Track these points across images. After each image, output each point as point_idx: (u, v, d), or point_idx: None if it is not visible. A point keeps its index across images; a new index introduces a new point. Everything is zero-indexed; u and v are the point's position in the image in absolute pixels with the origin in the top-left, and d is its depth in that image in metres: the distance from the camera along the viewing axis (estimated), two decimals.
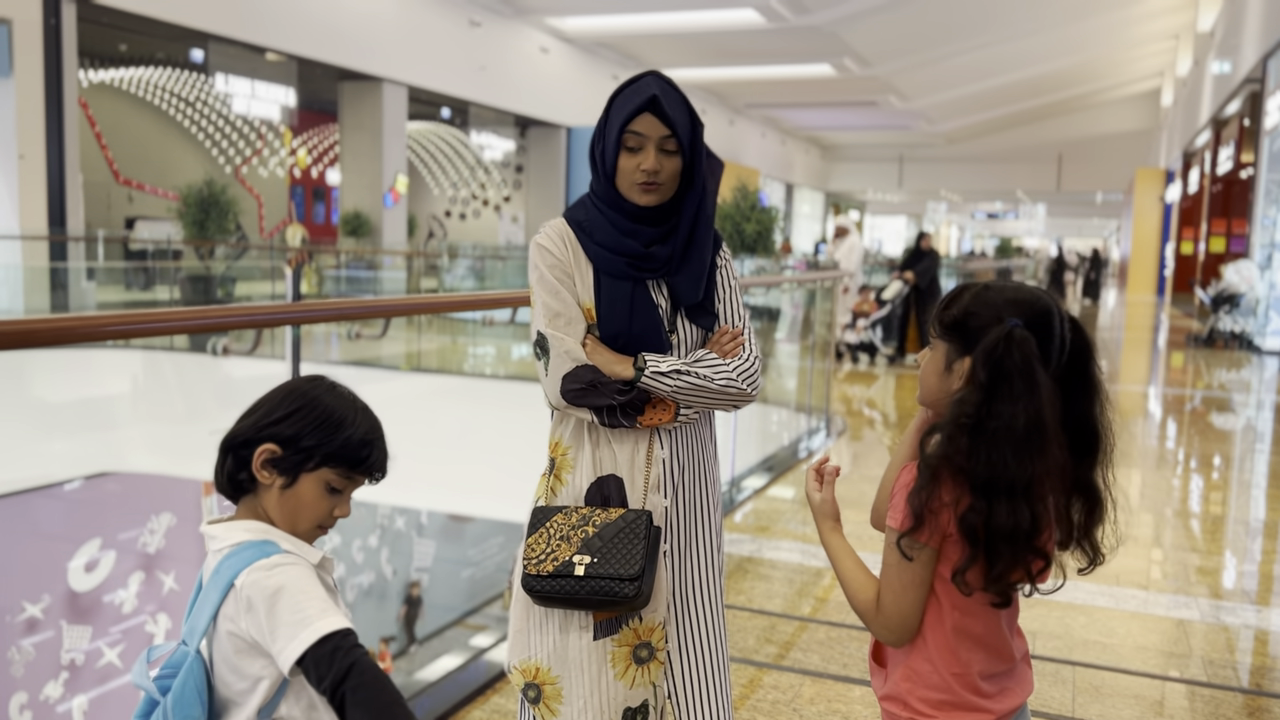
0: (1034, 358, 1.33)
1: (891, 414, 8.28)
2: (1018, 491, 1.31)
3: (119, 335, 2.00)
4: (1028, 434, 1.30)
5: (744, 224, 11.30)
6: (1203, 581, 4.00)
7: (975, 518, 1.32)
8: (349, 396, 1.45)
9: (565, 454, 1.83)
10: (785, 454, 6.41)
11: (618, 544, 1.71)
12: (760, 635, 3.34)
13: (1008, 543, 1.32)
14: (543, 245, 1.80)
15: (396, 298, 8.10)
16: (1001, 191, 42.37)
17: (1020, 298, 1.39)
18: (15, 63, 11.09)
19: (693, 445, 1.84)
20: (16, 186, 11.39)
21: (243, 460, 1.39)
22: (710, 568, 1.87)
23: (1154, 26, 23.21)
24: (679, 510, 1.82)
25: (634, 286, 1.78)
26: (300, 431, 1.37)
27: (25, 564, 6.13)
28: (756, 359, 1.82)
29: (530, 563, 1.74)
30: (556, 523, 1.76)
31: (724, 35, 19.66)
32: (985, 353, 1.34)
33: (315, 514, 1.41)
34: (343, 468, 1.40)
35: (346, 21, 15.49)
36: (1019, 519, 1.31)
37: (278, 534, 1.39)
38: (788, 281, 10.46)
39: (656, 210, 1.78)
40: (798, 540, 4.43)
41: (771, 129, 33.26)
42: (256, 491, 1.41)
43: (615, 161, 1.75)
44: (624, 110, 1.74)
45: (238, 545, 1.36)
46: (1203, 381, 10.50)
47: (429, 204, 25.76)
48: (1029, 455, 1.31)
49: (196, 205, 12.68)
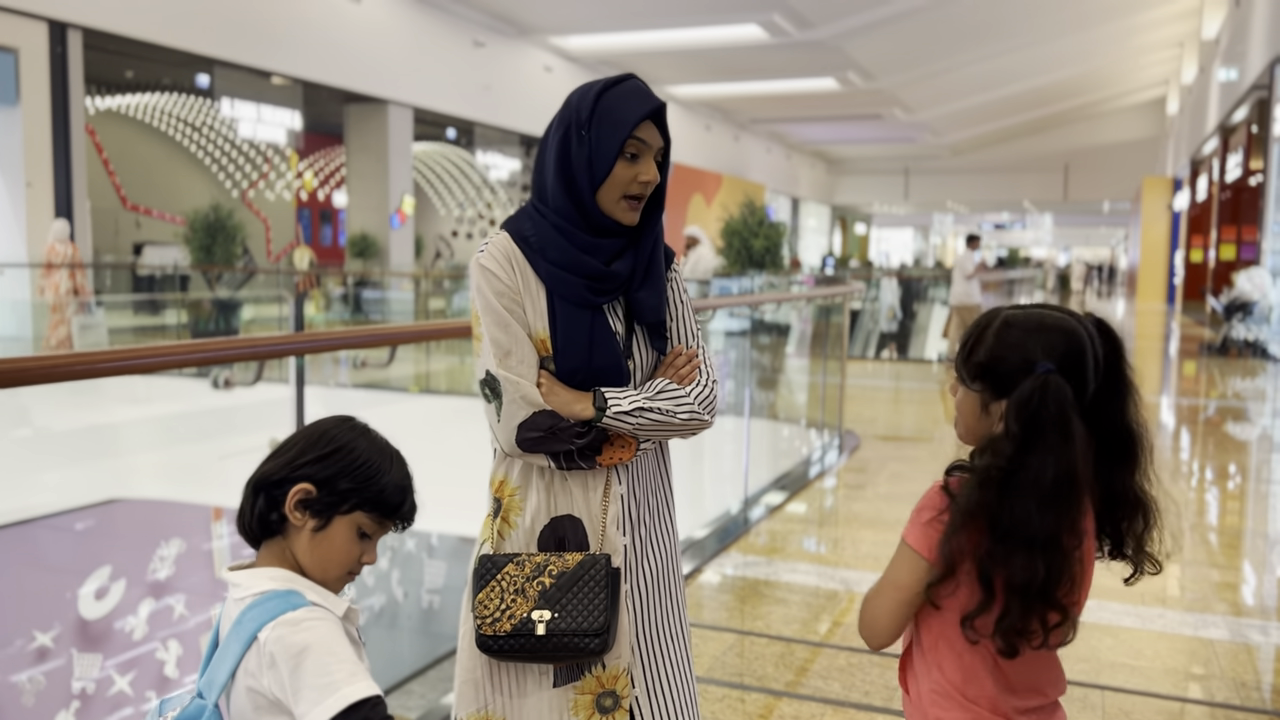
0: (1069, 405, 1.28)
1: (908, 429, 8.21)
2: (1037, 545, 1.27)
3: (115, 372, 1.96)
4: (1056, 487, 1.27)
5: (752, 239, 11.26)
6: (1225, 598, 3.92)
7: (993, 566, 1.28)
8: (382, 442, 1.42)
9: (513, 495, 1.67)
10: (798, 472, 6.34)
11: (578, 595, 1.58)
12: (777, 661, 3.27)
13: (1019, 595, 1.28)
14: (487, 268, 1.60)
15: (401, 325, 8.05)
16: (1008, 202, 42.31)
17: (1048, 335, 1.33)
18: (22, 91, 11.13)
19: (649, 477, 1.72)
20: (24, 214, 11.41)
21: (274, 500, 1.35)
22: (674, 604, 1.75)
23: (1158, 35, 23.18)
24: (639, 547, 1.69)
25: (593, 315, 1.61)
26: (337, 474, 1.35)
27: (35, 593, 6.10)
28: (714, 383, 1.68)
29: (485, 621, 1.59)
30: (509, 574, 1.61)
31: (728, 51, 19.69)
32: (1019, 405, 1.30)
33: (345, 559, 1.37)
34: (377, 513, 1.38)
35: (351, 44, 15.54)
36: (1034, 573, 1.27)
37: (303, 583, 1.34)
38: (803, 298, 10.40)
39: (615, 226, 1.62)
40: (814, 562, 4.36)
41: (777, 144, 33.28)
42: (285, 534, 1.37)
43: (609, 170, 1.58)
44: (630, 114, 1.57)
45: (262, 595, 1.31)
46: (1217, 390, 10.40)
47: (435, 224, 25.80)
48: (1055, 508, 1.27)
49: (203, 230, 12.69)
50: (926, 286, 17.33)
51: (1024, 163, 37.02)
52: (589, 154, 1.58)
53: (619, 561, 1.65)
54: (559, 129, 1.62)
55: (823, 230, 40.90)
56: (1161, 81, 29.46)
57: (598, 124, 1.57)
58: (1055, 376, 1.29)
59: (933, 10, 17.77)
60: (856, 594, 3.92)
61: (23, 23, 11.05)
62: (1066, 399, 1.28)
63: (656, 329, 1.69)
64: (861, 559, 4.37)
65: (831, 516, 5.27)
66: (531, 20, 18.37)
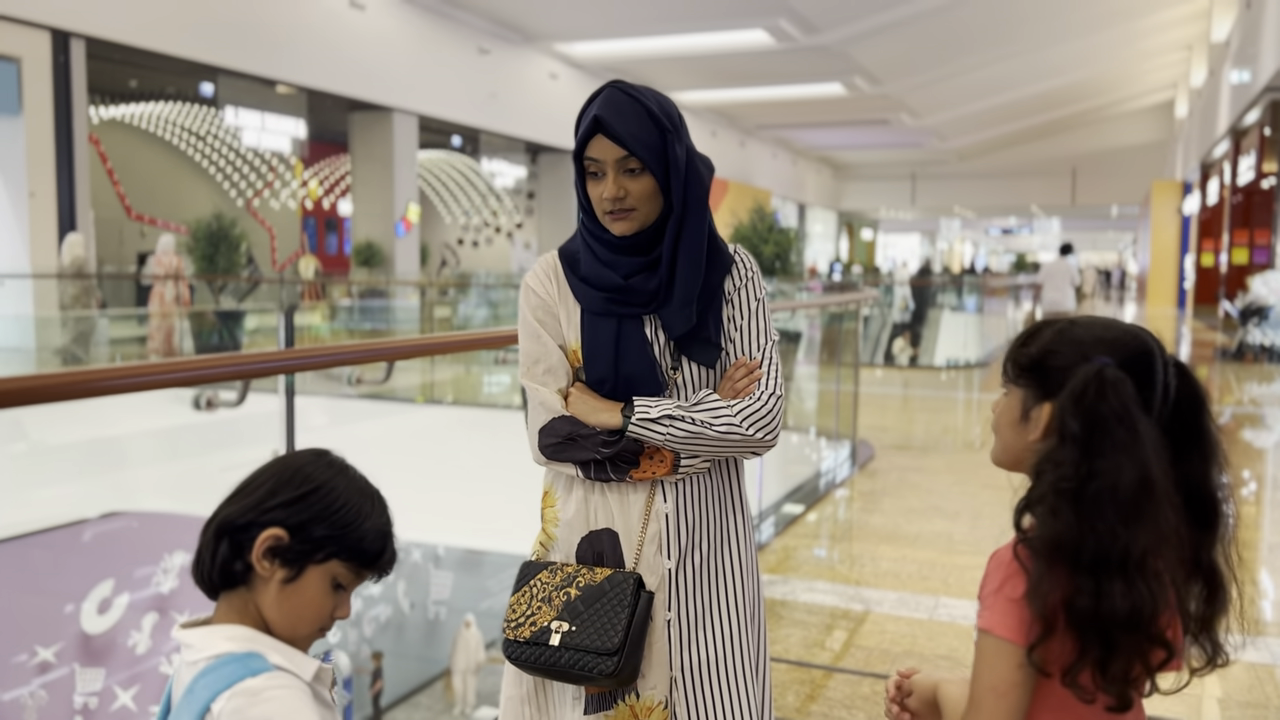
0: (1132, 401, 1.11)
1: (923, 439, 8.07)
2: (1131, 567, 1.07)
3: (93, 393, 1.85)
4: (1136, 494, 1.08)
5: (762, 246, 11.15)
6: (1244, 613, 3.78)
7: (1086, 603, 1.08)
8: (362, 481, 1.26)
9: (553, 505, 1.66)
10: (811, 484, 6.20)
11: (599, 611, 1.52)
12: (797, 690, 3.13)
13: (1126, 631, 1.08)
14: (529, 285, 1.67)
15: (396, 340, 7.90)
16: (1015, 207, 42.13)
17: (1113, 335, 1.18)
18: (25, 101, 11.05)
19: (708, 499, 1.61)
20: (28, 224, 11.33)
21: (239, 546, 1.18)
22: (733, 642, 1.61)
23: (1166, 38, 23.03)
24: (689, 573, 1.59)
25: (620, 324, 1.59)
26: (311, 519, 1.18)
27: (36, 607, 6.00)
28: (774, 398, 1.56)
29: (509, 625, 1.58)
30: (541, 581, 1.59)
31: (733, 57, 19.59)
32: (1074, 398, 1.13)
33: (318, 614, 1.20)
34: (354, 563, 1.22)
35: (355, 52, 15.46)
36: (1137, 600, 1.07)
37: (267, 643, 1.18)
38: (820, 305, 10.27)
39: (637, 238, 1.58)
40: (832, 580, 4.22)
41: (783, 149, 33.17)
42: (250, 585, 1.20)
43: (584, 193, 1.59)
44: (579, 137, 1.56)
45: (217, 658, 1.14)
46: (1233, 396, 10.24)
47: (441, 232, 25.71)
48: (1139, 520, 1.08)
49: (205, 239, 12.59)
50: (935, 293, 17.22)
51: (1031, 167, 36.85)
52: (576, 177, 1.61)
53: (657, 585, 1.57)
54: None
55: (829, 236, 40.76)
56: (1170, 85, 29.29)
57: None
58: (1114, 369, 1.13)
59: (939, 15, 17.65)
60: (877, 614, 3.79)
61: (25, 32, 10.97)
62: (1128, 394, 1.11)
63: (690, 341, 1.61)
64: (881, 576, 4.23)
65: (847, 531, 5.13)
66: (537, 27, 18.29)
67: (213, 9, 13.09)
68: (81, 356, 10.61)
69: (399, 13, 16.29)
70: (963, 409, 10.34)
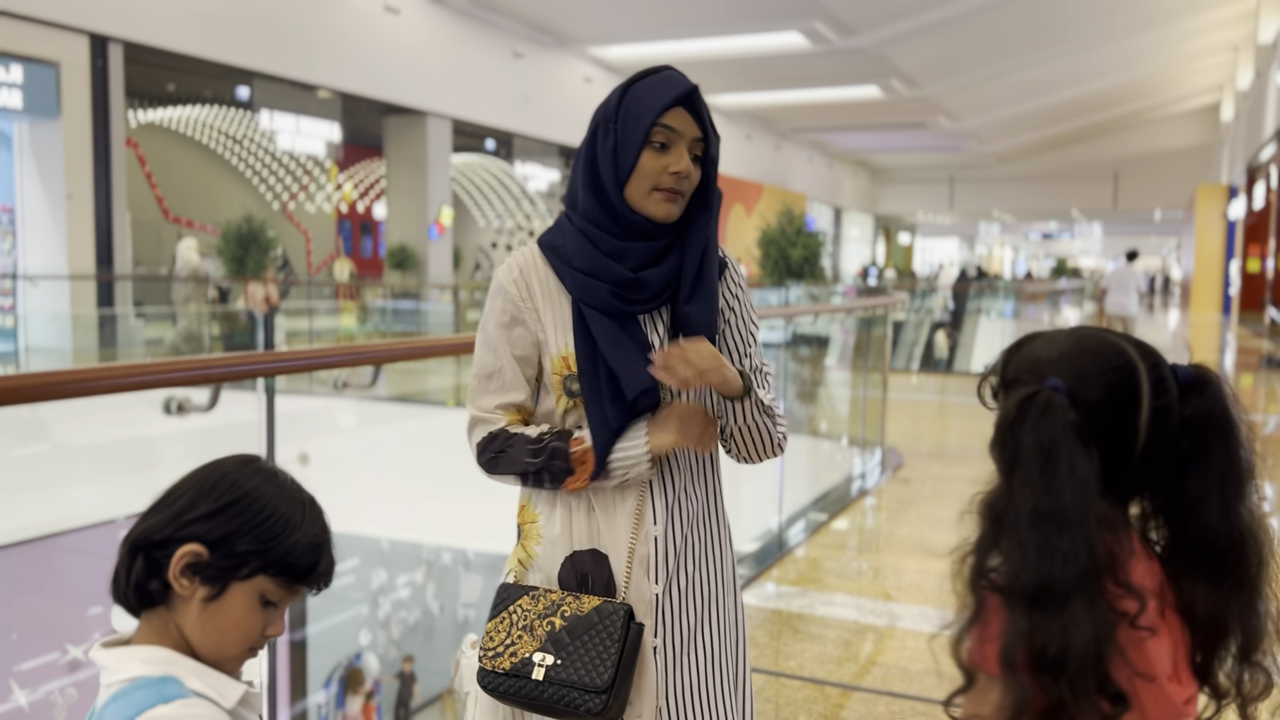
0: (1059, 429, 0.98)
1: (955, 447, 7.92)
2: (1038, 602, 0.94)
3: (72, 394, 1.81)
4: (1033, 530, 0.96)
5: (790, 249, 11.02)
6: None
7: (1014, 640, 0.95)
8: (292, 487, 1.16)
9: (534, 521, 1.54)
10: (838, 492, 6.08)
11: (588, 645, 1.41)
12: (811, 709, 3.03)
13: (1051, 674, 0.94)
14: (502, 284, 1.52)
15: (378, 344, 7.86)
16: (1056, 211, 41.57)
17: (1080, 350, 1.04)
18: (64, 104, 11.18)
19: (696, 519, 1.52)
20: (65, 226, 11.47)
21: (156, 564, 1.09)
22: (716, 665, 1.53)
23: (1211, 39, 22.60)
24: (676, 597, 1.50)
25: (624, 325, 1.46)
26: (233, 532, 1.08)
27: (66, 606, 6.04)
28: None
29: (486, 654, 1.47)
30: (522, 607, 1.48)
31: (769, 60, 19.46)
32: (997, 424, 1.02)
33: (245, 633, 1.11)
34: (284, 578, 1.11)
35: (390, 56, 15.53)
36: (1046, 638, 0.93)
37: (186, 665, 1.09)
38: (848, 310, 10.14)
39: (650, 226, 1.46)
40: (852, 593, 4.11)
41: (819, 152, 32.95)
42: (169, 604, 1.11)
43: (635, 161, 1.43)
44: (656, 100, 1.43)
45: (130, 682, 1.06)
46: (1279, 405, 9.97)
47: (474, 236, 25.79)
48: (1043, 554, 0.95)
49: (235, 242, 12.68)
50: (972, 298, 17.02)
51: (1072, 171, 36.33)
52: (614, 145, 1.45)
53: (645, 612, 1.47)
54: (590, 128, 1.50)
55: (866, 240, 40.44)
56: (1215, 87, 28.75)
57: (624, 113, 1.45)
58: (1053, 394, 0.99)
59: (978, 16, 17.41)
60: (896, 630, 3.68)
61: (64, 36, 11.11)
62: (1058, 422, 0.98)
63: None
64: (904, 590, 4.11)
65: (872, 542, 5.01)
66: (571, 31, 18.28)
67: (249, 14, 13.20)
68: (185, 351, 11.11)
69: (433, 17, 16.35)
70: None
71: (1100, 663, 0.95)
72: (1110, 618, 0.96)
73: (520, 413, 1.53)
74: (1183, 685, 1.03)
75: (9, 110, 10.71)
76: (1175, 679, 1.02)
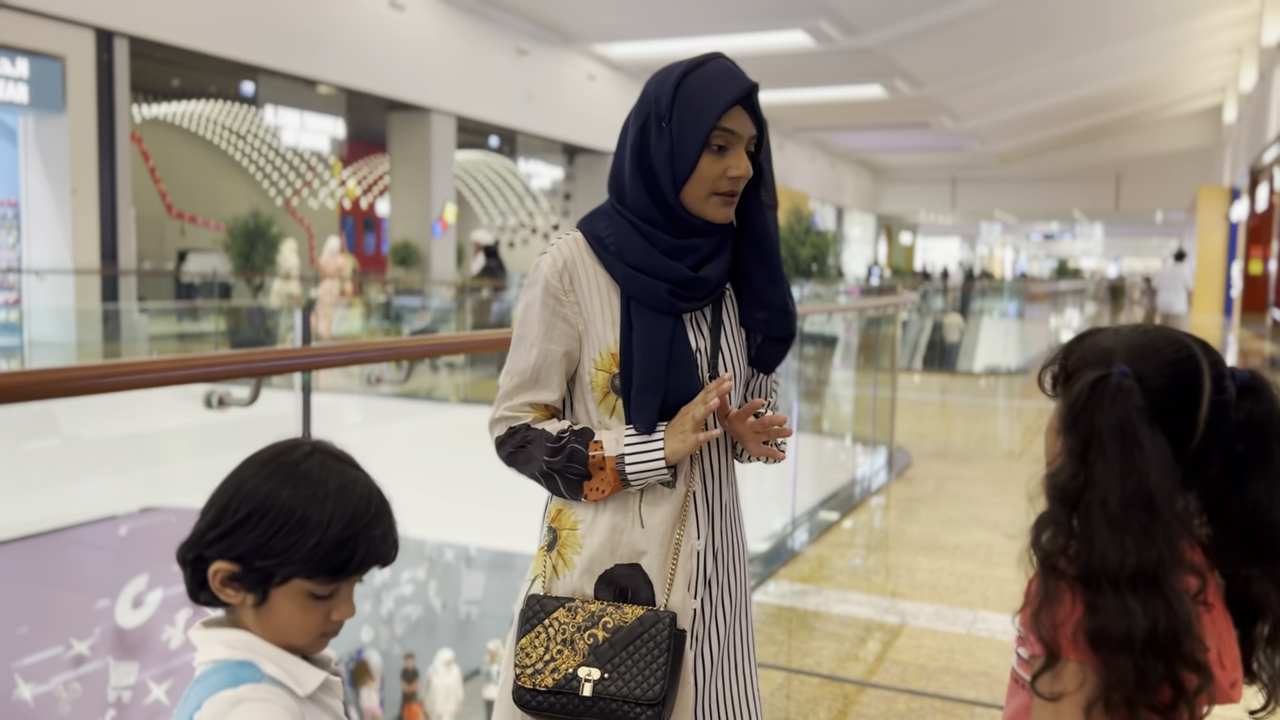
0: (1134, 411, 1.01)
1: (962, 447, 7.91)
2: (1125, 583, 0.97)
3: (106, 389, 1.80)
4: (1125, 509, 0.98)
5: (799, 248, 11.02)
6: None
7: (1094, 623, 0.98)
8: (318, 478, 1.09)
9: (574, 529, 1.47)
10: (847, 491, 6.09)
11: (634, 656, 1.36)
12: (829, 706, 3.03)
13: (1127, 652, 0.97)
14: (547, 278, 1.43)
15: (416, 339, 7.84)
16: (1058, 212, 41.58)
17: (1145, 342, 1.07)
18: (69, 99, 11.17)
19: (729, 527, 1.50)
20: (70, 220, 11.46)
21: (202, 576, 1.10)
22: (744, 670, 1.52)
23: (1214, 41, 22.59)
24: (710, 608, 1.47)
25: (675, 325, 1.40)
26: (255, 546, 1.07)
27: (72, 600, 6.03)
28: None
29: (524, 671, 1.39)
30: (559, 620, 1.40)
31: (772, 58, 19.44)
32: (1069, 406, 1.04)
33: (304, 628, 1.10)
34: (322, 577, 1.09)
35: (395, 52, 15.52)
36: (1132, 620, 0.96)
37: (264, 651, 1.09)
38: (858, 309, 10.14)
39: (706, 226, 1.42)
40: (866, 591, 4.11)
41: (821, 152, 32.95)
42: (229, 605, 1.12)
43: (693, 166, 1.38)
44: (714, 101, 1.38)
45: (213, 664, 1.09)
46: None
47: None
48: (1133, 535, 0.98)
49: (242, 237, 12.68)
50: (974, 297, 17.01)
51: (1074, 172, 36.33)
52: (670, 148, 1.40)
53: (686, 624, 1.44)
54: (637, 121, 1.43)
55: (868, 239, 40.44)
56: (1218, 89, 28.74)
57: (679, 114, 1.39)
58: (1123, 378, 1.03)
59: (982, 17, 17.40)
60: (912, 628, 3.68)
61: (70, 31, 11.09)
62: (1130, 404, 1.01)
63: (775, 350, 1.52)
64: (918, 589, 4.11)
65: (884, 541, 5.01)
66: (575, 28, 18.27)
67: (254, 10, 13.19)
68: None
69: (438, 13, 16.33)
70: (1003, 416, 10.15)
71: (1192, 637, 0.98)
72: (1184, 596, 0.99)
73: (547, 411, 1.49)
74: (1226, 670, 1.06)
75: (14, 104, 10.71)
76: (1220, 664, 1.05)
